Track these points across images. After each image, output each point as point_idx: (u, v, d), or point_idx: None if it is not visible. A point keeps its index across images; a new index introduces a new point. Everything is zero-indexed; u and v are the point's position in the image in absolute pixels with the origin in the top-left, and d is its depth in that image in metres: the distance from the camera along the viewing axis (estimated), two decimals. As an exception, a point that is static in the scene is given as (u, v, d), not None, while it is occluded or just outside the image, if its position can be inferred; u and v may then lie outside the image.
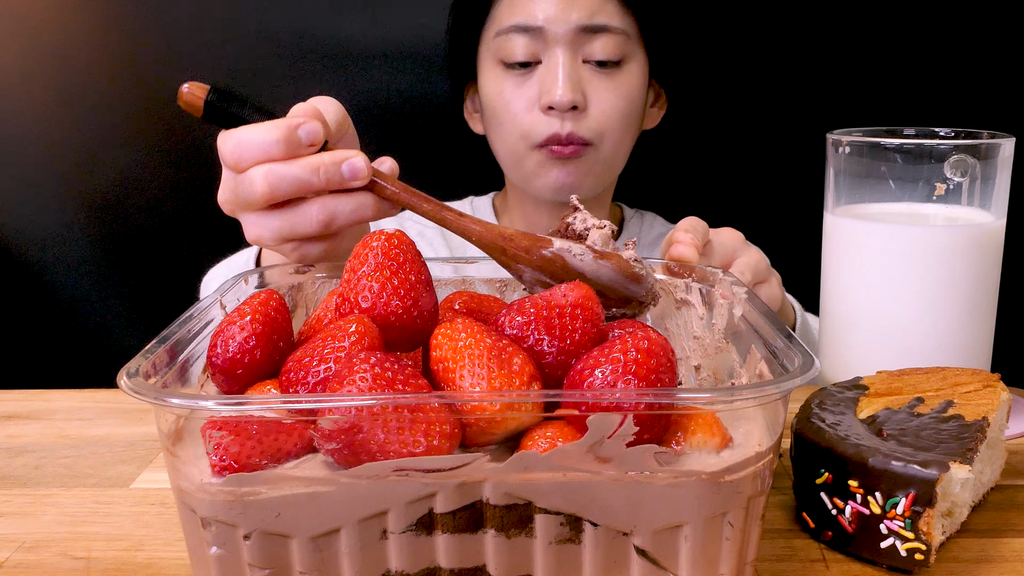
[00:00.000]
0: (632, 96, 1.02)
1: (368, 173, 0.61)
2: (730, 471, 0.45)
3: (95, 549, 0.57)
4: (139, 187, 1.31)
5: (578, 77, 0.99)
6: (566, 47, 0.98)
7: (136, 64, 1.27)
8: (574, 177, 1.01)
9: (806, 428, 0.57)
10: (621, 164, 1.07)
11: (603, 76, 1.00)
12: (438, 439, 0.43)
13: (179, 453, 0.46)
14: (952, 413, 0.58)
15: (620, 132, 1.02)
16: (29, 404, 0.82)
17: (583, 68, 1.00)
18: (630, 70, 1.02)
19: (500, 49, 1.01)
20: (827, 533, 0.55)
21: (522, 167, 1.03)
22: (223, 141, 0.61)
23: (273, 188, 0.60)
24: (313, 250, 0.64)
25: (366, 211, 0.62)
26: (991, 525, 0.58)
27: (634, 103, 1.03)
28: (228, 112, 0.62)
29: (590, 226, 0.61)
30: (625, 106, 1.01)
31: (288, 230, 0.62)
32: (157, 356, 0.49)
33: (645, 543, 0.45)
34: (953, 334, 0.74)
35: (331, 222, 0.62)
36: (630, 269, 0.59)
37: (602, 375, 0.45)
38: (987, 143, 0.73)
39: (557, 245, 0.60)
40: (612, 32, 0.99)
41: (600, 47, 0.99)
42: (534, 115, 1.00)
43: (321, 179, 0.60)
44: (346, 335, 0.47)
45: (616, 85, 1.00)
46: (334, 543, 0.45)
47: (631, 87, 1.02)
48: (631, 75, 1.02)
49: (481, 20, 1.04)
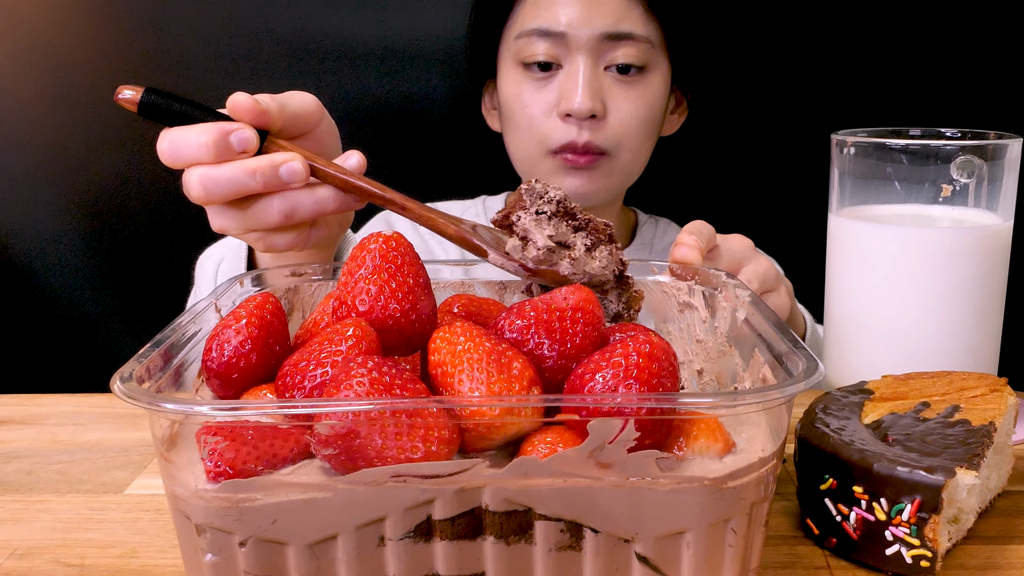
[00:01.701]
0: (653, 104, 1.02)
1: (305, 176, 0.61)
2: (733, 477, 0.45)
3: (88, 556, 0.57)
4: (134, 188, 1.31)
5: (599, 85, 0.98)
6: (588, 54, 0.98)
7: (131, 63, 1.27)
8: (588, 186, 1.01)
9: (810, 433, 0.57)
10: (638, 172, 1.07)
11: (624, 85, 1.00)
12: (436, 444, 0.43)
13: (174, 459, 0.46)
14: (958, 418, 0.58)
15: (639, 141, 1.02)
16: (22, 409, 0.82)
17: (604, 76, 0.99)
18: (652, 79, 1.01)
19: (521, 51, 1.01)
20: (831, 540, 0.55)
21: (534, 171, 1.03)
22: (160, 139, 0.62)
23: (208, 192, 0.61)
24: (279, 240, 0.65)
25: (327, 204, 0.63)
26: (998, 532, 0.58)
27: (654, 111, 1.02)
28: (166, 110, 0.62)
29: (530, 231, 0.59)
30: (645, 115, 1.01)
31: (251, 222, 0.63)
32: (151, 360, 0.49)
33: (647, 550, 0.45)
34: (959, 338, 0.74)
35: (292, 215, 0.62)
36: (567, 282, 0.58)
37: (603, 379, 0.45)
38: (994, 144, 0.73)
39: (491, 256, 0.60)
40: (636, 40, 0.99)
41: (623, 54, 0.98)
42: (552, 121, 0.99)
43: (258, 182, 0.60)
44: (343, 339, 0.47)
45: (637, 94, 1.00)
46: (331, 550, 0.45)
47: (652, 95, 1.01)
48: (653, 83, 1.02)
49: (503, 20, 1.04)
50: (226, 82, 1.28)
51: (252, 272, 0.65)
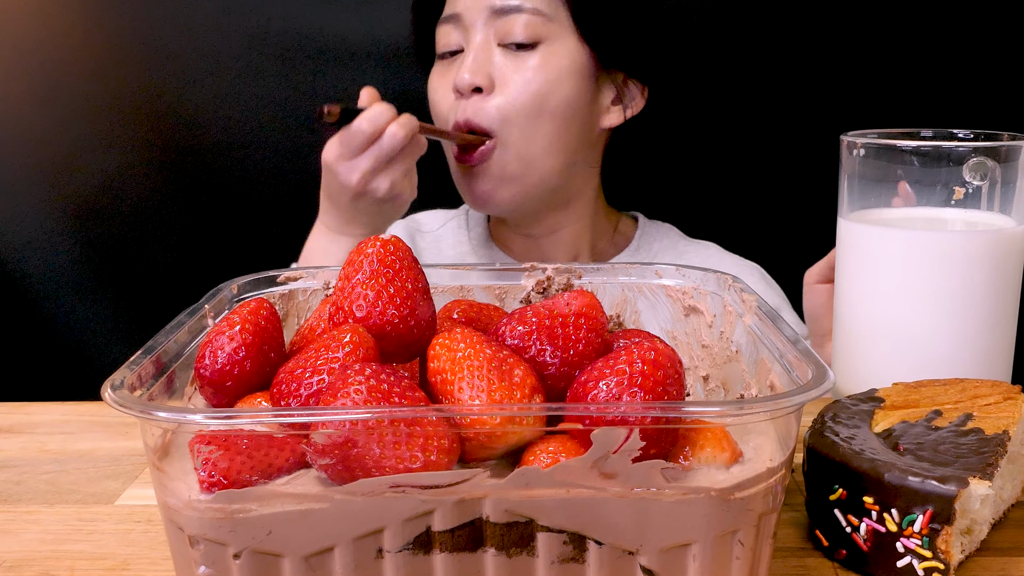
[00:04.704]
0: (549, 79, 1.00)
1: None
2: (740, 487, 0.45)
3: (78, 568, 0.57)
4: (123, 191, 1.31)
5: (487, 60, 1.00)
6: (481, 30, 1.01)
7: (120, 62, 1.28)
8: (486, 185, 1.02)
9: (819, 442, 0.57)
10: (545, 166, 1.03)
11: (518, 58, 1.00)
12: (436, 454, 0.43)
13: (166, 468, 0.46)
14: (971, 426, 0.58)
15: (530, 119, 1.00)
16: (10, 417, 0.82)
17: (498, 51, 1.01)
18: (549, 51, 1.01)
19: (437, 42, 1.05)
20: (841, 552, 0.55)
21: (454, 176, 1.06)
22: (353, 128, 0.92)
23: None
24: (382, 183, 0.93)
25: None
26: (1012, 543, 0.58)
27: (552, 86, 1.00)
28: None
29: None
30: (536, 88, 1.00)
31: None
32: (143, 368, 0.49)
33: (652, 562, 0.45)
34: (972, 344, 0.74)
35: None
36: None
37: (607, 387, 0.45)
38: (1008, 145, 0.73)
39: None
40: (525, 12, 1.00)
41: (514, 27, 1.00)
42: (451, 104, 1.02)
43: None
44: (340, 345, 0.47)
45: (528, 67, 1.00)
46: (328, 562, 0.45)
47: (548, 69, 1.00)
48: (549, 56, 1.01)
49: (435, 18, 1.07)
50: (218, 81, 1.28)
51: (246, 277, 0.65)
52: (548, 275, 0.66)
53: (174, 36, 1.27)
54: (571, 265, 0.67)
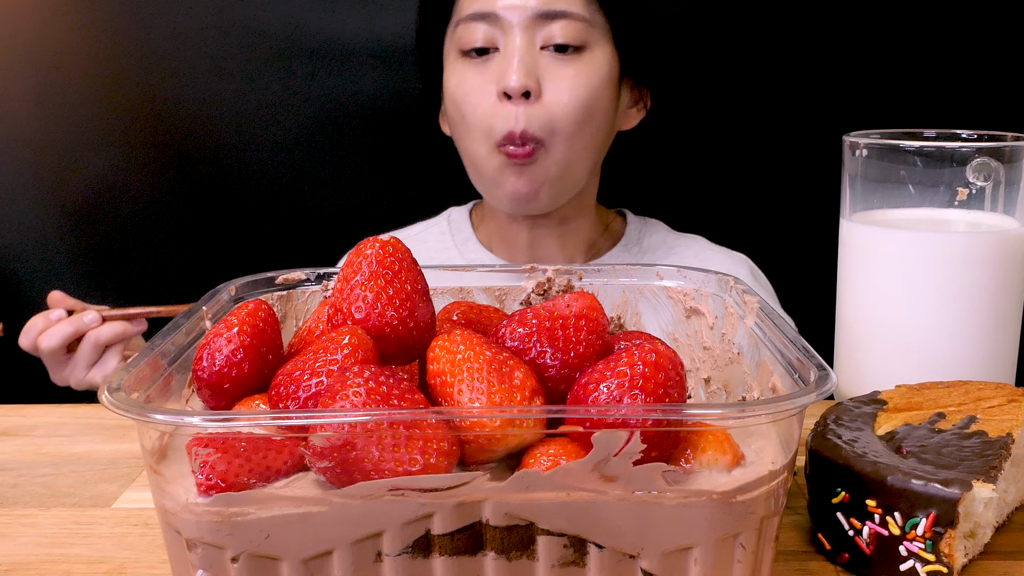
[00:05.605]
0: (592, 84, 1.01)
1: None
2: (742, 490, 0.45)
3: (75, 572, 0.57)
4: (121, 192, 1.31)
5: (533, 63, 1.00)
6: (523, 33, 1.00)
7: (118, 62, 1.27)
8: (530, 186, 1.02)
9: (822, 445, 0.57)
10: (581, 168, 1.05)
11: (560, 62, 1.00)
12: (435, 457, 0.43)
13: (163, 471, 0.46)
14: (975, 429, 0.58)
15: (574, 126, 1.01)
16: (6, 420, 0.82)
17: (541, 55, 1.00)
18: (591, 58, 1.01)
19: (460, 39, 1.03)
20: (844, 555, 0.55)
21: (483, 172, 1.04)
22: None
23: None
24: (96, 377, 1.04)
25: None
26: (1016, 546, 0.58)
27: (594, 92, 1.01)
28: None
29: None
30: (584, 95, 1.00)
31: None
32: (140, 370, 0.49)
33: (653, 566, 0.45)
34: (976, 346, 0.74)
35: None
36: None
37: (607, 390, 0.45)
38: (1011, 146, 0.73)
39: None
40: (571, 18, 1.00)
41: (559, 33, 1.00)
42: (493, 105, 1.01)
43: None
44: (339, 347, 0.47)
45: (574, 72, 1.00)
46: (326, 566, 0.45)
47: (591, 75, 1.01)
48: (592, 63, 1.01)
49: (446, 16, 1.06)
50: (217, 82, 1.28)
51: (244, 278, 0.65)
52: (548, 276, 0.66)
53: (172, 36, 1.27)
54: (571, 266, 0.67)
